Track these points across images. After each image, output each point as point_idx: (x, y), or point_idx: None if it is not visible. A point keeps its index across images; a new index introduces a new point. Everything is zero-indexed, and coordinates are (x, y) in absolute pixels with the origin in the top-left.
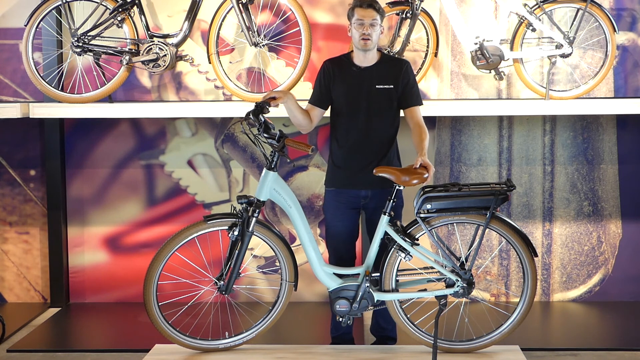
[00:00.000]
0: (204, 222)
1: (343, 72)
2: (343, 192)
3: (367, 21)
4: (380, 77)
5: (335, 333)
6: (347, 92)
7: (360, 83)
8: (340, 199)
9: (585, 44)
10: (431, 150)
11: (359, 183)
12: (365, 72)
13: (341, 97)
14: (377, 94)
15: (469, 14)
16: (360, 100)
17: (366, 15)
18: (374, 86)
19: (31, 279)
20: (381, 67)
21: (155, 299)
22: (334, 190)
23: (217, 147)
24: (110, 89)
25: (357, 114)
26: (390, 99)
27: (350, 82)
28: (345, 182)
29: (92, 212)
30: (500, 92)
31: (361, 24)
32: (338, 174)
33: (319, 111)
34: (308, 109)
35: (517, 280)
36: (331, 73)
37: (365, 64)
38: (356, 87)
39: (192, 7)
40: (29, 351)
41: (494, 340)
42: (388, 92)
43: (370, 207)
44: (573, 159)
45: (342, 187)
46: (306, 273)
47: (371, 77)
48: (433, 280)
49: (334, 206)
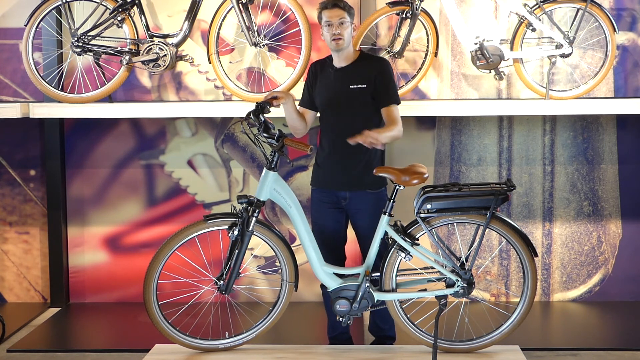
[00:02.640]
0: (204, 222)
1: (323, 74)
2: (325, 192)
3: (334, 21)
4: (355, 77)
5: (332, 333)
6: (324, 93)
7: (335, 84)
8: (323, 198)
9: (585, 44)
10: (431, 150)
11: (338, 183)
12: (339, 73)
13: (319, 98)
14: (351, 94)
15: (469, 14)
16: (335, 101)
17: (333, 16)
18: (347, 86)
19: (31, 279)
20: (357, 67)
21: (155, 298)
22: (317, 189)
23: (217, 147)
24: (110, 89)
25: (333, 115)
26: (364, 99)
27: (327, 83)
28: (326, 182)
29: (92, 212)
30: (500, 92)
31: (329, 24)
32: (319, 174)
33: (310, 113)
34: (301, 112)
35: (517, 280)
36: (313, 75)
37: (341, 64)
38: (331, 88)
39: (192, 7)
40: (29, 351)
41: (494, 340)
42: (362, 91)
43: (351, 209)
44: (573, 159)
45: (324, 187)
46: (306, 273)
47: (346, 78)
48: (433, 280)
49: (318, 205)
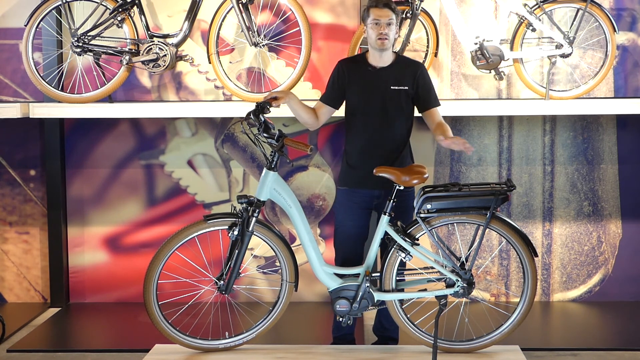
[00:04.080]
0: (204, 222)
1: (358, 72)
2: (356, 192)
3: (383, 20)
4: (396, 78)
5: (336, 333)
6: (361, 92)
7: (375, 83)
8: (352, 198)
9: (585, 44)
10: (431, 150)
11: (373, 183)
12: (380, 73)
13: (355, 97)
14: (392, 94)
15: (469, 14)
16: (374, 101)
17: (382, 15)
18: (389, 87)
19: (31, 279)
20: (396, 68)
21: (155, 298)
22: (346, 189)
23: (217, 147)
24: (110, 89)
25: (371, 114)
26: (404, 100)
27: (365, 83)
28: (359, 181)
29: (92, 212)
30: (500, 92)
31: (377, 23)
32: (351, 174)
33: (328, 109)
34: (317, 106)
35: (517, 280)
36: (345, 73)
37: (381, 65)
38: (371, 87)
39: (192, 7)
40: (29, 351)
41: (494, 340)
42: (403, 93)
43: (382, 207)
44: (573, 159)
45: (356, 187)
46: (306, 273)
47: (386, 78)
48: (433, 280)
49: (346, 205)
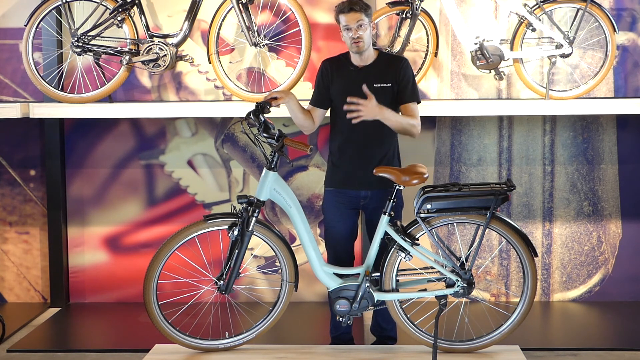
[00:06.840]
0: (204, 222)
1: (341, 72)
2: (342, 192)
3: (352, 25)
4: (378, 75)
5: (334, 333)
6: (344, 91)
7: (358, 82)
8: (339, 199)
9: (585, 44)
10: (431, 150)
11: (359, 183)
12: (362, 71)
13: (339, 96)
14: (375, 92)
15: (469, 14)
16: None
17: (350, 20)
18: (371, 85)
19: (31, 279)
20: (379, 66)
21: (155, 298)
22: (333, 190)
23: (217, 147)
24: (110, 89)
25: None
26: (388, 98)
27: (348, 81)
28: (345, 182)
29: (92, 212)
30: (500, 92)
31: (348, 28)
32: (337, 174)
33: (320, 111)
34: (309, 109)
35: (517, 280)
36: (329, 72)
37: (363, 64)
38: (353, 86)
39: (192, 7)
40: (29, 351)
41: (494, 340)
42: (386, 90)
43: (369, 208)
44: (573, 159)
45: (342, 187)
46: (306, 273)
47: (369, 76)
48: (433, 280)
49: (334, 206)
